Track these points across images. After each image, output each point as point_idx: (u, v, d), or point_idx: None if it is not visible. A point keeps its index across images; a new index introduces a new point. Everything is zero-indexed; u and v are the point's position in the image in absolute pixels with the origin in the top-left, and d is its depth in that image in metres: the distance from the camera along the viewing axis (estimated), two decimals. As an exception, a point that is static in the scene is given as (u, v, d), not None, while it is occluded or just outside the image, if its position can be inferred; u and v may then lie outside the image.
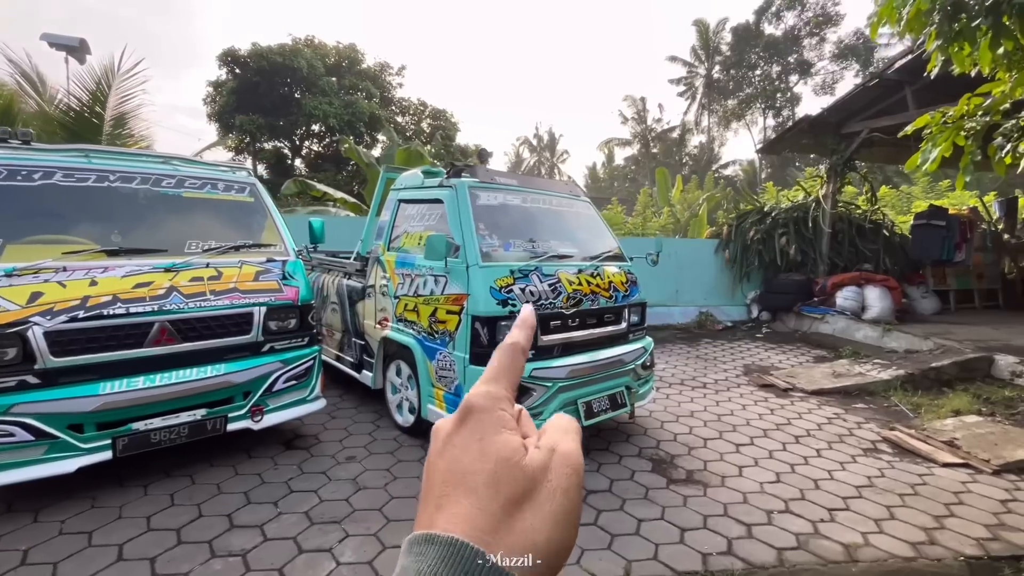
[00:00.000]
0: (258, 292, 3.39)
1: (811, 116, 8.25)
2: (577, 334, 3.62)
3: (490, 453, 0.32)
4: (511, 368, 0.38)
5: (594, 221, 4.48)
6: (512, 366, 0.39)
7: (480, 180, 3.72)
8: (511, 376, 0.38)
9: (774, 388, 5.50)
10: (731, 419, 4.53)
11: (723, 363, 6.55)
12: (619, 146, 43.69)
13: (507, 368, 0.38)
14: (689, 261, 8.97)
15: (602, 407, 3.62)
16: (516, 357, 0.39)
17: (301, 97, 15.56)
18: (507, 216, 3.75)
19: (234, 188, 3.69)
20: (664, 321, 8.75)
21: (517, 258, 3.51)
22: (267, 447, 3.63)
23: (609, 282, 3.94)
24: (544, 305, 3.42)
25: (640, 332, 4.23)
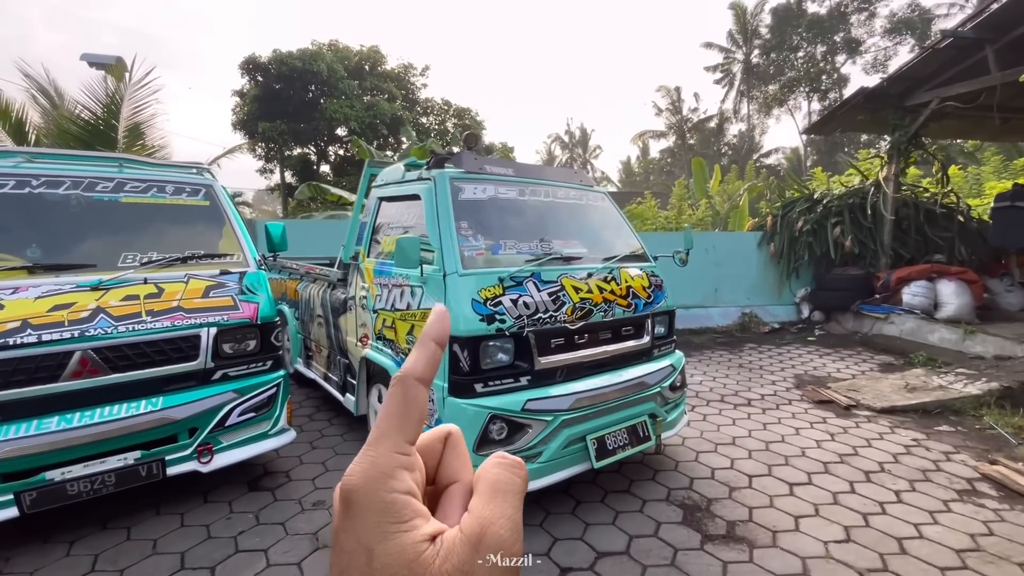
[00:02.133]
0: (207, 311, 2.90)
1: (868, 88, 7.24)
2: (586, 353, 2.96)
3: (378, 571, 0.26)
4: (406, 414, 0.30)
5: (610, 215, 3.80)
6: (406, 411, 0.30)
7: (466, 170, 3.12)
8: (407, 425, 0.30)
9: (833, 405, 4.66)
10: (782, 448, 3.76)
11: (770, 373, 5.71)
12: (654, 138, 42.28)
13: (399, 416, 0.30)
14: (729, 256, 8.10)
15: (619, 442, 2.95)
16: (411, 396, 0.31)
17: (322, 101, 15.41)
18: (499, 212, 3.13)
19: (185, 191, 3.22)
20: (702, 324, 7.92)
21: (509, 262, 2.89)
22: (229, 488, 3.15)
23: (628, 287, 3.27)
24: (543, 319, 2.78)
25: (668, 346, 3.53)
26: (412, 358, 0.32)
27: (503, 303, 2.69)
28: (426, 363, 0.32)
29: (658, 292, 3.49)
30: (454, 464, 0.33)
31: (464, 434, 0.36)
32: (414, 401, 0.31)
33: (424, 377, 0.32)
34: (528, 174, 3.43)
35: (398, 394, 0.31)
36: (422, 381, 0.31)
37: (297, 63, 14.64)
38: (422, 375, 0.32)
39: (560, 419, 2.72)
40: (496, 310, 2.66)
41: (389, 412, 0.30)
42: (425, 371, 0.32)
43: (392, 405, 0.30)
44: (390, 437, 0.30)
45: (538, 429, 2.66)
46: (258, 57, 14.99)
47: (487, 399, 2.57)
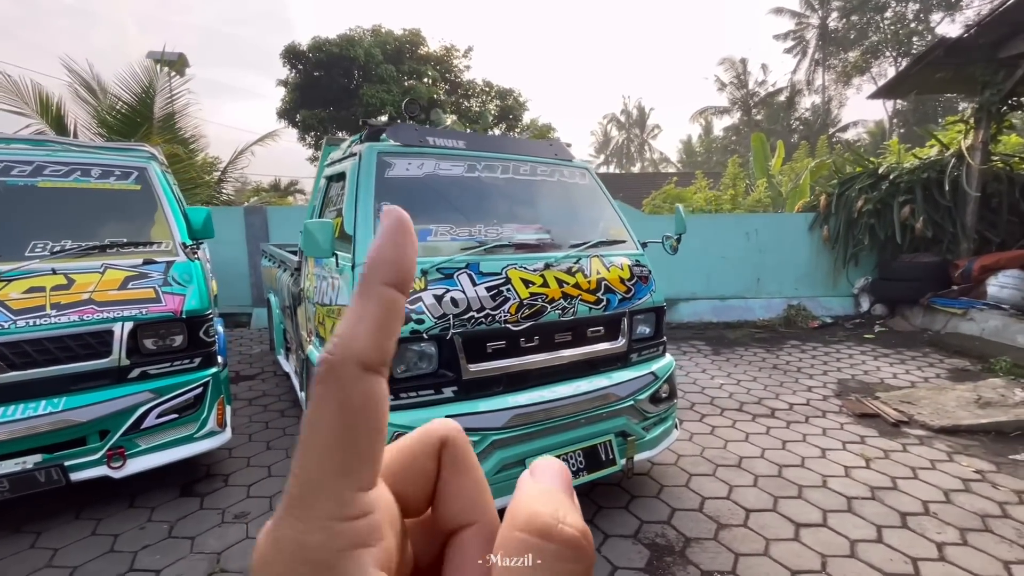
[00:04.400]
0: (123, 304, 2.68)
1: (950, 39, 6.06)
2: (535, 359, 2.48)
3: None
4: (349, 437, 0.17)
5: (590, 194, 3.24)
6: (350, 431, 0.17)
7: (401, 143, 2.69)
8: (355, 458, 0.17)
9: (879, 421, 3.88)
10: (799, 474, 3.10)
11: (808, 377, 4.93)
12: (716, 116, 39.78)
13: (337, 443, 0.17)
14: (774, 241, 7.18)
15: (572, 467, 2.46)
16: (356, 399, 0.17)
17: (359, 86, 15.38)
18: (438, 191, 2.68)
19: (114, 174, 3.00)
20: (740, 317, 7.10)
21: (441, 251, 2.44)
22: (160, 492, 2.95)
23: (599, 280, 2.74)
24: (476, 319, 2.33)
25: (653, 350, 2.97)
26: (347, 323, 0.18)
27: (423, 300, 2.26)
28: (374, 328, 0.17)
29: (641, 285, 2.93)
30: (464, 492, 0.20)
31: None
32: (363, 407, 0.17)
33: (375, 357, 0.17)
34: (484, 147, 2.94)
35: (329, 398, 0.17)
36: (372, 366, 0.17)
37: (335, 50, 14.65)
38: (371, 354, 0.17)
39: (490, 439, 2.27)
40: (413, 308, 2.23)
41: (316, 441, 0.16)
42: (376, 345, 0.17)
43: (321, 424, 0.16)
44: (323, 490, 0.16)
45: (462, 450, 2.23)
46: (298, 45, 15.17)
47: (396, 414, 2.17)
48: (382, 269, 0.19)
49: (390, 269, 0.19)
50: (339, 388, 0.17)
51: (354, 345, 0.17)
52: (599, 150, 53.48)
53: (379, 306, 0.18)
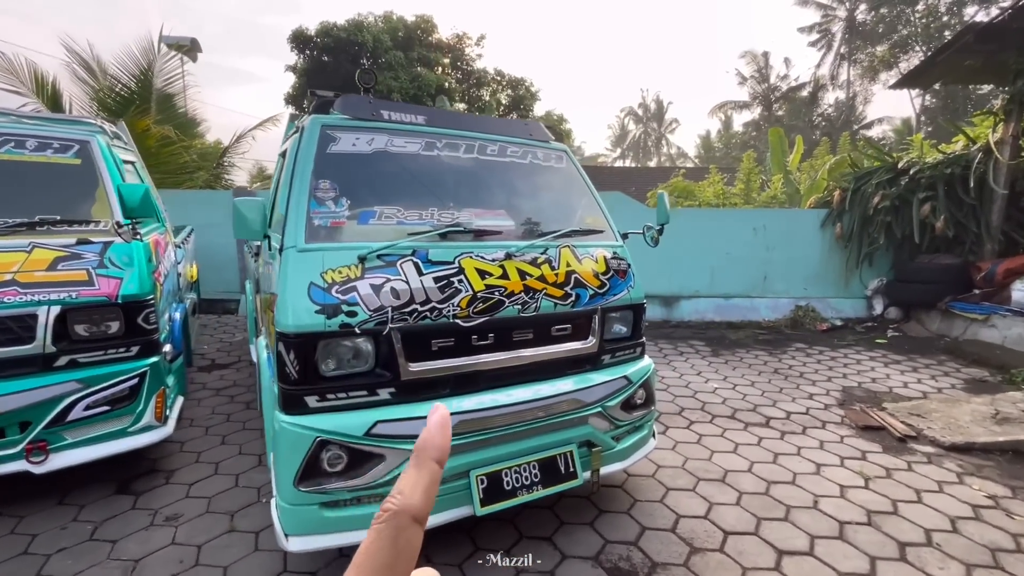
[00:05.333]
0: (51, 286, 2.48)
1: (980, 24, 5.61)
2: (487, 359, 2.22)
3: None
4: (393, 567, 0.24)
5: (568, 180, 2.96)
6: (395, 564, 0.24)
7: (350, 116, 2.43)
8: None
9: (884, 434, 3.56)
10: (788, 492, 2.81)
11: (811, 383, 4.60)
12: (736, 110, 38.86)
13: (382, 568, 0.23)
14: (783, 238, 6.81)
15: (524, 481, 2.20)
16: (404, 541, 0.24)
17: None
18: (387, 170, 2.42)
19: (52, 147, 2.80)
20: (744, 317, 6.76)
21: (386, 235, 2.19)
22: (96, 488, 2.77)
23: (568, 273, 2.47)
24: (420, 312, 2.08)
25: (629, 351, 2.69)
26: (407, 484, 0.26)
27: (357, 289, 2.01)
28: (424, 493, 0.26)
29: (618, 280, 2.65)
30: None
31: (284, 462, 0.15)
32: (405, 549, 0.24)
33: (421, 514, 0.25)
34: (449, 123, 2.67)
35: (388, 536, 0.24)
36: (418, 520, 0.25)
37: (342, 35, 14.43)
38: (419, 511, 0.25)
39: (429, 448, 2.02)
40: (345, 299, 1.98)
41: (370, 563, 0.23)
42: (424, 505, 0.26)
43: (378, 553, 0.23)
44: None
45: (397, 460, 1.98)
46: (306, 30, 14.98)
47: (321, 417, 1.93)
48: (432, 450, 0.27)
49: (437, 451, 0.27)
50: (394, 530, 0.24)
51: (411, 502, 0.25)
52: (616, 143, 52.81)
53: (428, 476, 0.26)
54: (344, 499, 1.96)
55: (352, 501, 1.98)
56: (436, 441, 0.27)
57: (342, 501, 1.96)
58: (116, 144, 3.20)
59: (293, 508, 1.91)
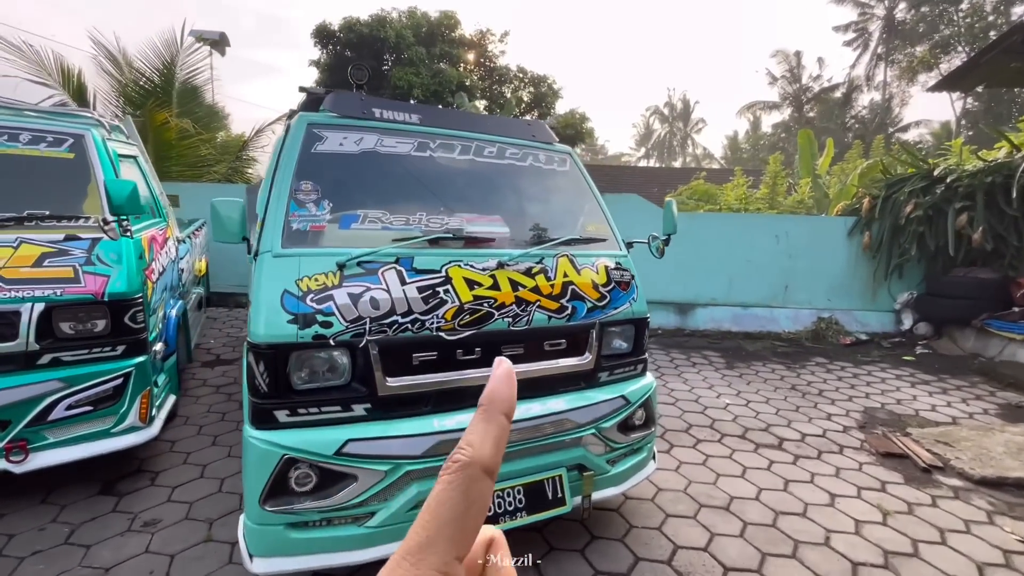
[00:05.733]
0: (36, 283, 2.44)
1: (1029, 23, 5.24)
2: (472, 375, 2.09)
3: None
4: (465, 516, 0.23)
5: (571, 184, 2.81)
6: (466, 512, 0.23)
7: (340, 114, 2.32)
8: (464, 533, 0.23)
9: (908, 463, 3.32)
10: (798, 525, 2.62)
11: (830, 402, 4.35)
12: (765, 111, 37.92)
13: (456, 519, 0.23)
14: (807, 246, 6.51)
15: (508, 506, 2.07)
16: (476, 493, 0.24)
17: (389, 69, 15.16)
18: (376, 171, 2.31)
19: (46, 140, 2.77)
20: (763, 327, 6.49)
21: (369, 240, 2.07)
22: (80, 487, 2.73)
23: (565, 284, 2.32)
24: (401, 324, 1.96)
25: (630, 368, 2.53)
26: (477, 437, 0.25)
27: (334, 298, 1.90)
28: (494, 444, 0.25)
29: (619, 292, 2.49)
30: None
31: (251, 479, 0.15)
32: (478, 500, 0.24)
33: (492, 466, 0.25)
34: (445, 123, 2.55)
35: (458, 486, 0.24)
36: (489, 471, 0.25)
37: (365, 30, 14.43)
38: (490, 462, 0.25)
39: (404, 469, 1.91)
40: (320, 308, 1.88)
41: (443, 511, 0.23)
42: (494, 457, 0.25)
43: (447, 503, 0.23)
44: (437, 548, 0.22)
45: (369, 480, 1.87)
46: (329, 25, 15.05)
47: (290, 433, 1.83)
48: (500, 403, 0.27)
49: (505, 404, 0.27)
50: (466, 480, 0.24)
51: (481, 453, 0.24)
52: (640, 142, 52.14)
53: (498, 429, 0.26)
54: (313, 520, 1.86)
55: (321, 522, 1.87)
56: (503, 393, 0.27)
57: (311, 522, 1.86)
58: (114, 138, 3.16)
59: (259, 528, 1.81)
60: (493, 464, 0.25)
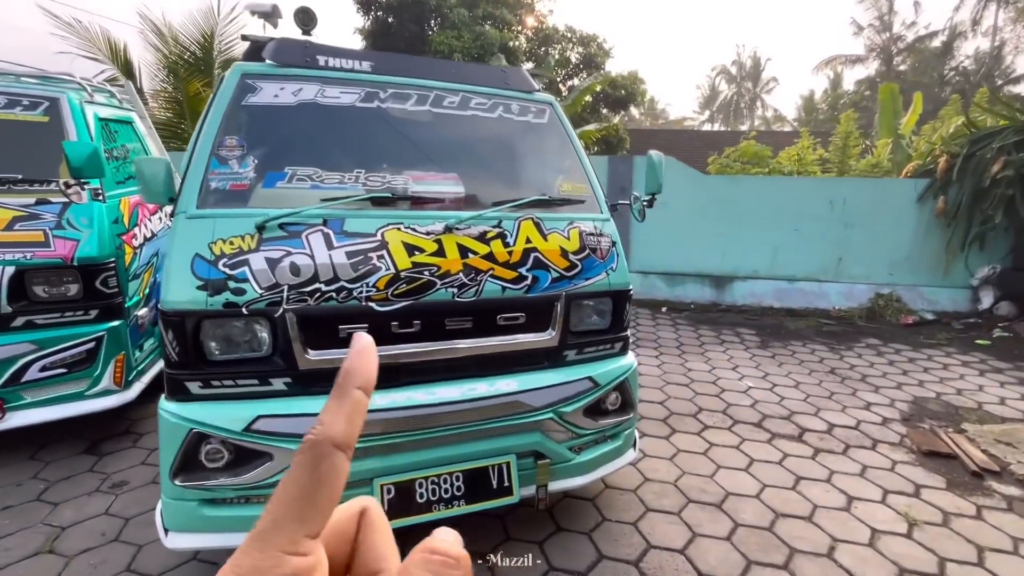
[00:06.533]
0: (5, 246, 2.47)
1: None
2: (409, 350, 1.90)
3: None
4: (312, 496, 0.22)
5: (548, 138, 2.49)
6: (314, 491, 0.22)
7: (278, 62, 2.12)
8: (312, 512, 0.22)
9: (954, 464, 2.85)
10: (800, 530, 2.28)
11: (873, 389, 3.84)
12: (848, 65, 34.35)
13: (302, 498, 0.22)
14: (866, 213, 5.76)
15: (444, 494, 1.89)
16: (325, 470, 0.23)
17: (431, 32, 14.81)
18: (314, 124, 2.10)
19: (21, 104, 2.76)
20: (810, 303, 5.88)
21: (298, 200, 1.89)
22: (67, 445, 2.83)
23: (526, 251, 2.06)
24: (325, 292, 1.78)
25: (602, 348, 2.25)
26: (329, 414, 0.24)
27: (249, 263, 1.75)
28: (348, 420, 0.24)
29: (594, 260, 2.19)
30: (376, 548, 0.26)
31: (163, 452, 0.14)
32: (328, 477, 0.23)
33: (345, 441, 0.23)
34: (400, 70, 2.29)
35: (305, 465, 0.23)
36: (342, 447, 0.23)
37: (407, -7, 14.12)
38: (343, 439, 0.23)
39: (324, 449, 1.76)
40: (233, 274, 1.73)
41: (288, 492, 0.22)
42: (347, 432, 0.24)
43: (294, 482, 0.22)
44: (284, 529, 0.22)
45: (286, 460, 1.74)
46: (371, -10, 14.86)
47: (201, 407, 1.72)
48: (355, 376, 0.25)
49: (361, 377, 0.25)
50: (314, 458, 0.22)
51: (331, 430, 0.23)
52: (704, 105, 49.07)
53: (352, 403, 0.24)
54: (229, 497, 1.76)
55: (239, 500, 1.77)
56: (358, 366, 0.25)
57: (227, 499, 1.76)
58: (99, 102, 3.14)
59: (173, 503, 1.74)
60: (346, 439, 0.23)
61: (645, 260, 6.16)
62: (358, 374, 0.25)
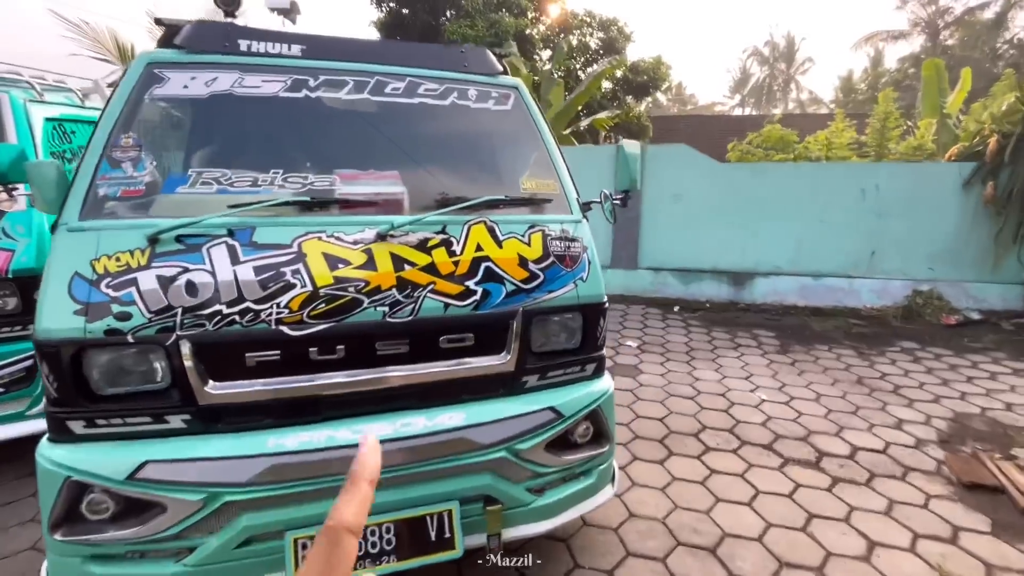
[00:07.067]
0: (-65, 258, 2.31)
1: None
2: (330, 380, 1.63)
3: None
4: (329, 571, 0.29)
5: (515, 127, 2.17)
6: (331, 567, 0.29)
7: (192, 49, 1.86)
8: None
9: (1002, 500, 2.42)
10: (807, 587, 1.93)
11: (907, 403, 3.40)
12: (890, 41, 32.40)
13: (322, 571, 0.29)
14: (903, 201, 5.22)
15: (371, 548, 1.61)
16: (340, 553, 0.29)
17: (446, 22, 14.49)
18: (227, 118, 1.84)
19: (-41, 105, 2.60)
20: (838, 302, 5.39)
21: (201, 207, 1.63)
22: (20, 466, 2.68)
23: (477, 260, 1.77)
24: (226, 315, 1.52)
25: (569, 371, 1.94)
26: (341, 502, 0.31)
27: (137, 283, 1.50)
28: (357, 508, 0.31)
29: (559, 270, 1.88)
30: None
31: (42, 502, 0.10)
32: (341, 556, 0.29)
33: (355, 526, 0.30)
34: (336, 54, 2.00)
35: (324, 548, 0.29)
36: (352, 531, 0.30)
37: (419, -18, 13.83)
38: (352, 524, 0.30)
39: (225, 499, 1.51)
40: (118, 296, 1.48)
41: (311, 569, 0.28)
42: (356, 518, 0.30)
43: (315, 561, 0.29)
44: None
45: (181, 511, 1.49)
46: (383, -19, 14.62)
47: (81, 450, 1.48)
48: (367, 472, 0.32)
49: (368, 472, 0.33)
50: (331, 542, 0.29)
51: (345, 518, 0.30)
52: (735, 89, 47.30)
53: (360, 495, 0.31)
54: (120, 553, 1.53)
55: (133, 555, 1.54)
56: (367, 463, 0.32)
57: (118, 555, 1.53)
58: (53, 101, 2.97)
59: (57, 559, 1.52)
60: (355, 525, 0.30)
61: (656, 256, 5.76)
62: (367, 470, 0.32)
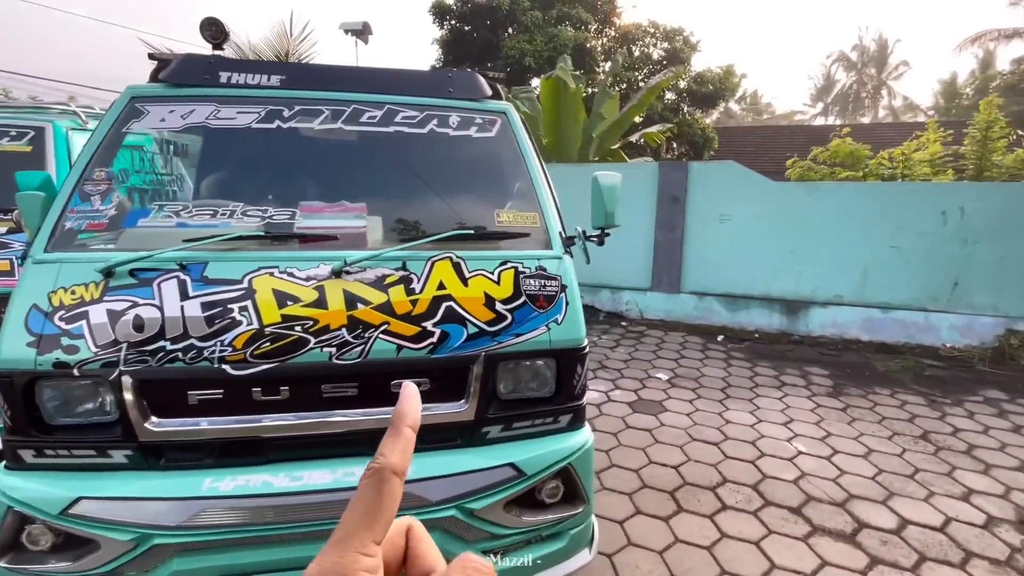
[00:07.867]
0: (-26, 277, 2.51)
1: None
2: (273, 422, 1.56)
3: None
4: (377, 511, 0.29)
5: (500, 155, 2.05)
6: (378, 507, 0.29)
7: (174, 82, 1.89)
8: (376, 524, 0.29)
9: (1089, 609, 1.95)
10: None
11: (983, 468, 2.88)
12: (1002, 41, 29.17)
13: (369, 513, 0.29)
14: (994, 225, 4.54)
15: (295, 612, 1.52)
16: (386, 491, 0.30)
17: (505, 37, 14.62)
18: (207, 152, 1.85)
19: (9, 135, 2.84)
20: (911, 338, 4.77)
21: (159, 242, 1.63)
22: None
23: (437, 300, 1.66)
24: (171, 352, 1.50)
25: (539, 422, 1.77)
26: (387, 446, 0.31)
27: (88, 317, 1.51)
28: (402, 452, 0.31)
29: (531, 311, 1.73)
30: (428, 555, 0.33)
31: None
32: (388, 496, 0.30)
33: (400, 469, 0.31)
34: (316, 83, 1.97)
35: (371, 487, 0.30)
36: (398, 473, 0.31)
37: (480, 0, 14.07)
38: (398, 466, 0.30)
39: (154, 542, 1.47)
40: (68, 328, 1.50)
41: (358, 508, 0.29)
42: (402, 461, 0.31)
43: (363, 500, 0.29)
44: (357, 537, 0.28)
45: (114, 550, 1.47)
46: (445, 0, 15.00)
47: (26, 480, 1.50)
48: (406, 417, 0.32)
49: (410, 417, 0.32)
50: (378, 482, 0.29)
51: (390, 460, 0.30)
52: (817, 97, 44.40)
53: (404, 439, 0.31)
54: (62, 584, 1.53)
55: (75, 587, 1.54)
56: (407, 409, 0.32)
57: (60, 586, 1.54)
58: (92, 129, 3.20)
59: (5, 585, 1.55)
60: (401, 467, 0.30)
61: (701, 280, 5.38)
62: (408, 415, 0.32)
